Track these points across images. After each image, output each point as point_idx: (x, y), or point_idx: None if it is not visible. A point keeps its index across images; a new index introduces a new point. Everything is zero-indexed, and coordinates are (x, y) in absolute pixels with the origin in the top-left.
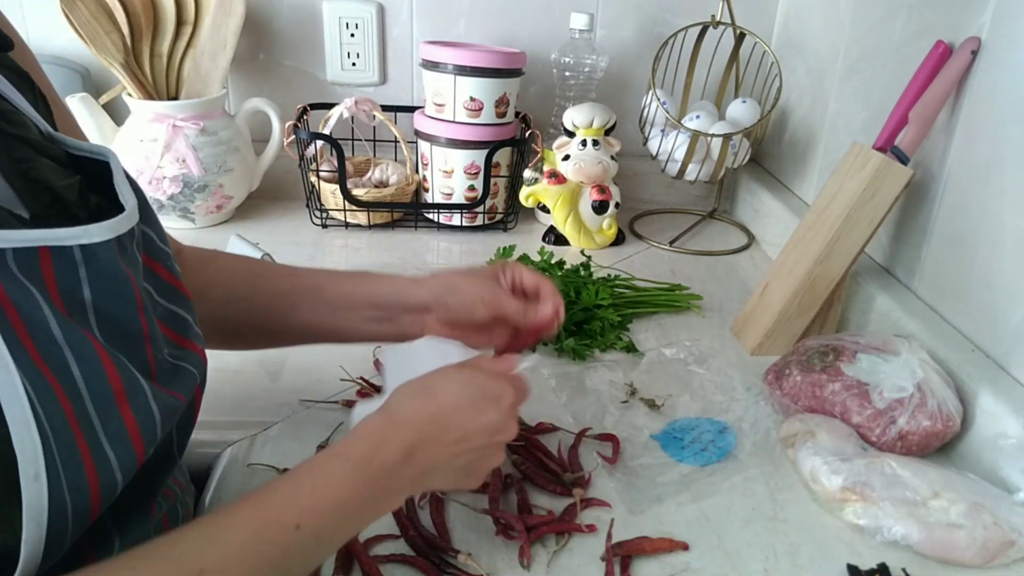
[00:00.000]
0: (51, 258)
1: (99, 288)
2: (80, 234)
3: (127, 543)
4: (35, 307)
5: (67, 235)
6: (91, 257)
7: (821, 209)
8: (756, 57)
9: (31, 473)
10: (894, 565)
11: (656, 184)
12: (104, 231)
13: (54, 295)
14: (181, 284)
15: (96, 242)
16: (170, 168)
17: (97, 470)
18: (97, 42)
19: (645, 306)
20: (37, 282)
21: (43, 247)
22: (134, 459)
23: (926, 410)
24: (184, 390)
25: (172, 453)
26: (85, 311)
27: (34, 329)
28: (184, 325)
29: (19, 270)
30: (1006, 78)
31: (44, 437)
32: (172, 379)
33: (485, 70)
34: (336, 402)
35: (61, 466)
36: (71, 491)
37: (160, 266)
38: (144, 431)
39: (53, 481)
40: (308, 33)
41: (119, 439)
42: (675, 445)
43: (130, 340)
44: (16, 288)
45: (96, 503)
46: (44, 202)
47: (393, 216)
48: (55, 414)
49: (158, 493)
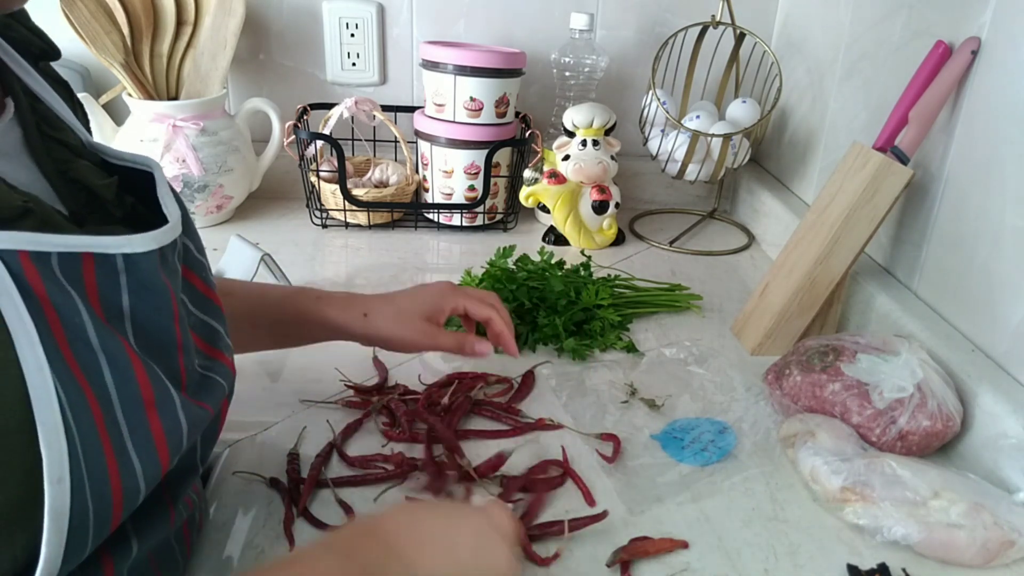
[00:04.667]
0: (94, 265)
1: (138, 297)
2: (124, 243)
3: (146, 549)
4: (74, 311)
5: (112, 243)
6: (133, 266)
7: (821, 209)
8: (756, 57)
9: (55, 476)
10: (894, 565)
11: (656, 184)
12: (148, 242)
13: (94, 301)
14: (215, 295)
15: (139, 252)
16: (170, 168)
17: (121, 477)
18: (97, 42)
19: (645, 306)
20: (78, 287)
21: (87, 253)
22: (159, 468)
23: (926, 410)
24: (212, 401)
25: (195, 463)
26: (123, 318)
27: (71, 333)
28: (215, 336)
29: (62, 274)
30: (1006, 78)
31: (71, 441)
32: (201, 390)
33: (485, 70)
34: (335, 402)
35: (86, 471)
36: (94, 496)
37: (196, 276)
38: (170, 440)
39: (76, 485)
40: (308, 33)
41: (145, 447)
42: (675, 445)
43: (164, 350)
44: (57, 291)
45: (118, 510)
46: (81, 201)
47: (393, 216)
48: (84, 418)
49: (179, 501)
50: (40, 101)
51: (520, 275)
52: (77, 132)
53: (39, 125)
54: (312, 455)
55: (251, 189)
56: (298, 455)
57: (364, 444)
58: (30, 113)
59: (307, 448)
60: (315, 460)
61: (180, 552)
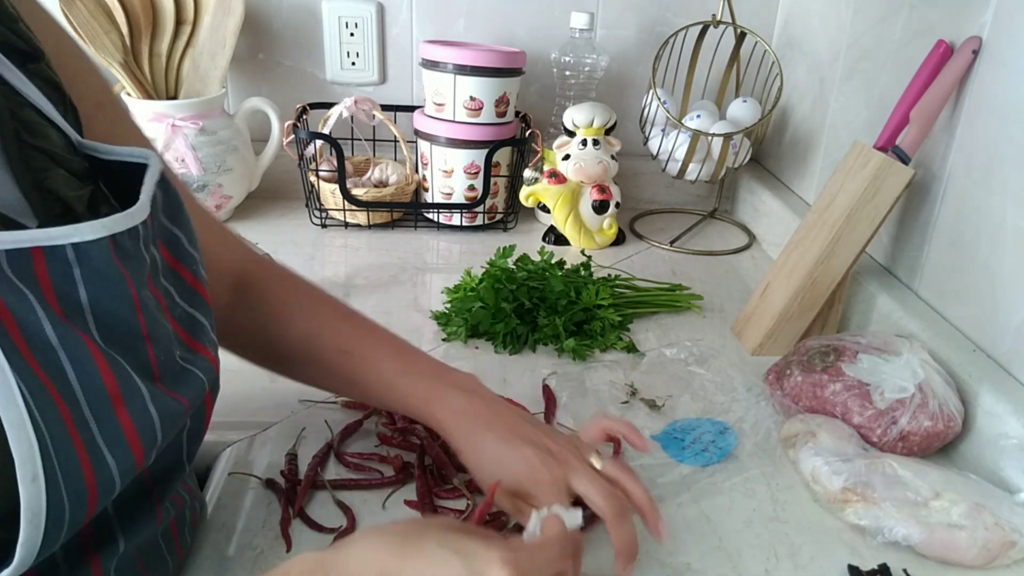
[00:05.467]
0: (44, 259)
1: (95, 288)
2: (71, 232)
3: (133, 547)
4: (29, 310)
5: (58, 234)
6: (84, 256)
7: (822, 209)
8: (757, 56)
9: (29, 475)
10: (895, 566)
11: (656, 184)
12: (97, 229)
13: (49, 297)
14: (204, 289)
15: (88, 240)
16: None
17: (95, 472)
18: (96, 41)
19: (645, 306)
20: (31, 284)
21: (35, 247)
22: (133, 462)
23: (927, 410)
24: (189, 394)
25: (181, 461)
26: (82, 312)
27: (28, 332)
28: (200, 330)
29: (13, 272)
30: (1007, 78)
31: (41, 439)
32: (177, 382)
33: (485, 69)
34: (335, 402)
35: (59, 468)
36: (69, 493)
37: (185, 269)
38: (142, 434)
39: (51, 483)
40: (308, 32)
41: (116, 441)
42: (676, 445)
43: (129, 341)
44: (10, 291)
45: (92, 506)
46: (55, 212)
47: (393, 216)
48: (51, 416)
49: (166, 499)
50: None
51: (520, 275)
52: (67, 134)
53: (19, 133)
54: (311, 456)
55: (250, 189)
56: (296, 456)
57: (363, 446)
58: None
59: (306, 449)
60: (312, 461)
61: (169, 550)
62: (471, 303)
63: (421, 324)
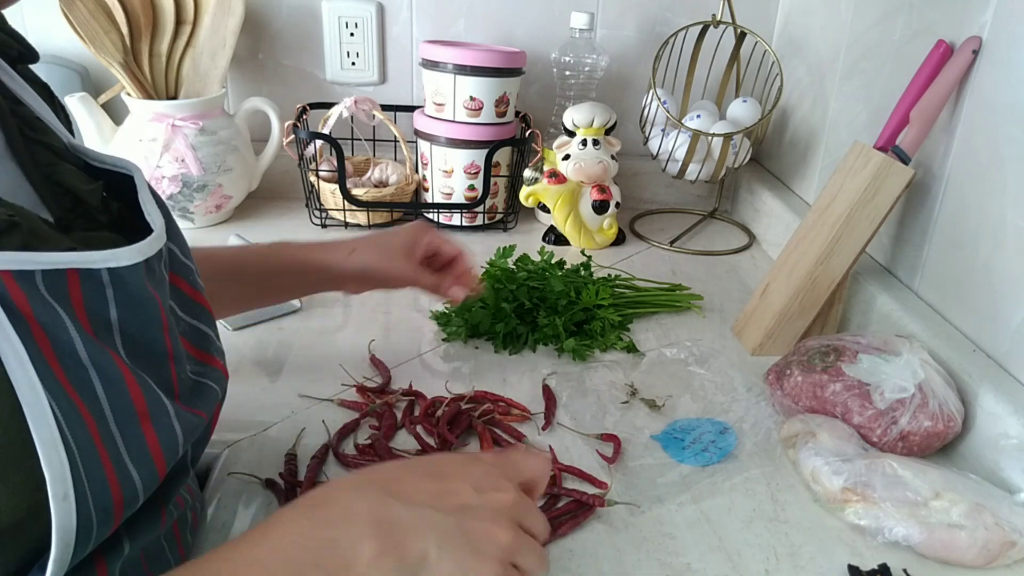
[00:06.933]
0: (79, 280)
1: (126, 309)
2: (109, 258)
3: (138, 548)
4: (62, 328)
5: (97, 258)
6: (119, 280)
7: (822, 209)
8: (757, 56)
9: (60, 493)
10: (895, 566)
11: (656, 184)
12: (133, 254)
13: (81, 316)
14: (203, 298)
15: (125, 265)
16: (169, 168)
17: (121, 488)
18: (96, 41)
19: (645, 306)
20: (64, 303)
21: (71, 269)
22: (156, 477)
23: (927, 410)
24: (206, 407)
25: (186, 466)
26: (111, 331)
27: (60, 350)
28: (206, 341)
29: (47, 291)
30: (1007, 78)
31: (71, 457)
32: (194, 397)
33: (485, 69)
34: (332, 399)
35: (87, 485)
36: (97, 510)
37: (183, 281)
38: (166, 450)
39: (80, 500)
40: (307, 32)
41: (142, 458)
42: (676, 446)
43: (154, 361)
44: (44, 310)
45: (117, 520)
46: (66, 206)
47: (393, 216)
48: (81, 434)
49: (170, 502)
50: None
51: (520, 275)
52: (60, 134)
53: (21, 128)
54: (310, 456)
55: (250, 189)
56: (296, 456)
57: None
58: (11, 116)
59: (306, 449)
60: (311, 462)
61: (171, 550)
62: (471, 303)
63: (421, 324)
